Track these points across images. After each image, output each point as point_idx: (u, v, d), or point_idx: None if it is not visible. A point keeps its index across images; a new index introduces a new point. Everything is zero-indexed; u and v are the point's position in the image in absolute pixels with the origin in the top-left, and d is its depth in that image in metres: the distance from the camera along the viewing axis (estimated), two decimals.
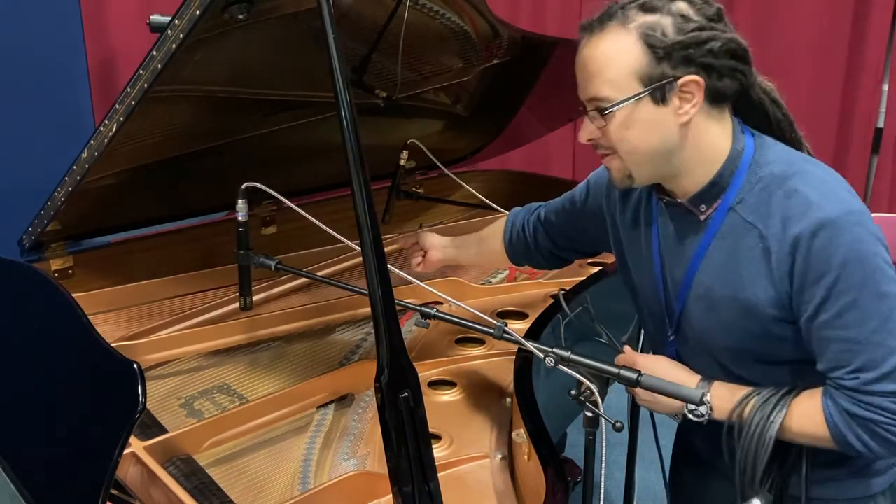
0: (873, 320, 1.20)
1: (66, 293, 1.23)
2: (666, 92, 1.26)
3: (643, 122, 1.28)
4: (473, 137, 2.72)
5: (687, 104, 1.27)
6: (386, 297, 1.13)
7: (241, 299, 1.82)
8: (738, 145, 1.32)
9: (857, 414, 1.22)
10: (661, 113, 1.27)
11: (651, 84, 1.25)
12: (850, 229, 1.20)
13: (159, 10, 2.11)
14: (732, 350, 1.35)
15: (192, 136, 1.93)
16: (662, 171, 1.33)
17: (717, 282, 1.33)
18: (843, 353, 1.23)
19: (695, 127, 1.29)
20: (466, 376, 1.84)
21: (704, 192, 1.32)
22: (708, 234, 1.34)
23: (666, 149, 1.30)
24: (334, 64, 1.16)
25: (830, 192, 1.24)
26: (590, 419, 1.30)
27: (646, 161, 1.32)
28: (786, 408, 1.28)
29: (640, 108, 1.27)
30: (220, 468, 1.52)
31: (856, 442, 1.24)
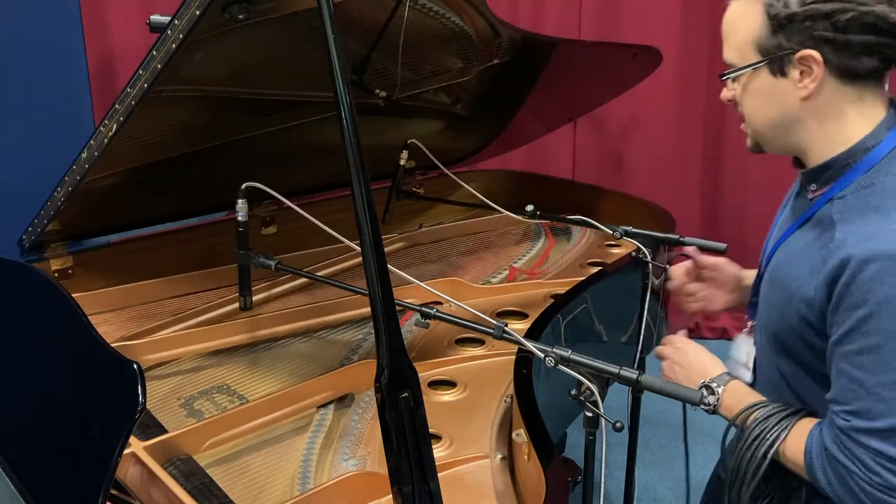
0: (888, 373, 1.13)
1: (66, 293, 1.23)
2: (784, 64, 1.22)
3: (762, 93, 1.26)
4: (473, 137, 2.72)
5: (807, 78, 1.21)
6: (386, 297, 1.13)
7: (241, 299, 1.82)
8: (869, 141, 1.23)
9: (835, 456, 1.19)
10: (779, 85, 1.24)
11: (767, 55, 1.23)
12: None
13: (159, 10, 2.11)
14: (772, 334, 1.33)
15: (191, 136, 1.93)
16: (787, 142, 1.30)
17: (783, 263, 1.32)
18: (847, 390, 1.18)
19: (820, 103, 1.23)
20: (466, 376, 1.84)
21: (816, 173, 1.29)
22: (804, 216, 1.31)
23: (785, 121, 1.27)
24: (334, 64, 1.16)
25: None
26: (590, 419, 1.30)
27: (765, 130, 1.30)
28: (786, 431, 1.26)
29: (758, 77, 1.25)
30: (220, 468, 1.52)
31: (823, 481, 1.21)
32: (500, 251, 2.53)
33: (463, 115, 2.56)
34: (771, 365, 1.36)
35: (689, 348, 1.45)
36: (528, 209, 2.14)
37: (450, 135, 2.64)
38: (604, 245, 2.53)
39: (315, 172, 2.30)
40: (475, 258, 2.47)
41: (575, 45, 2.76)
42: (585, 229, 2.61)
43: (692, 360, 1.42)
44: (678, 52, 3.69)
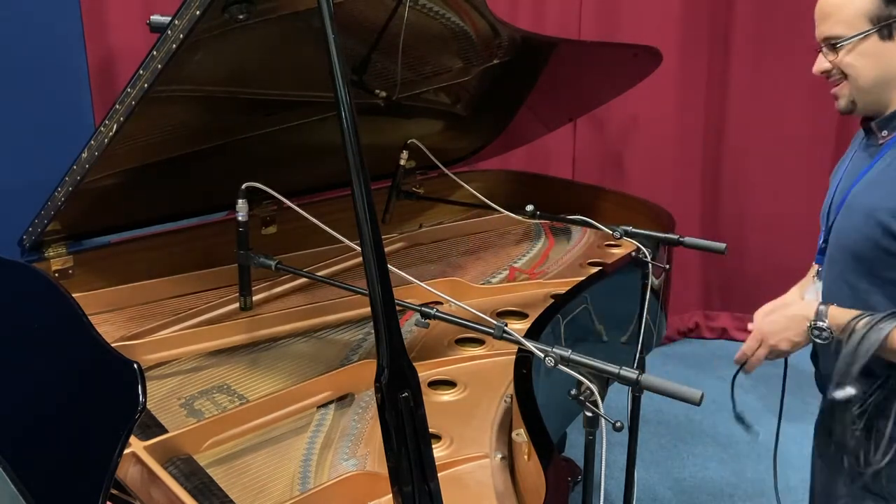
0: None
1: (66, 293, 1.23)
2: (892, 29, 1.49)
3: (869, 55, 1.51)
4: (473, 137, 2.72)
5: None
6: (386, 297, 1.13)
7: (241, 299, 1.82)
8: None
9: None
10: (886, 47, 1.50)
11: (879, 23, 1.49)
12: None
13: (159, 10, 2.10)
14: (850, 255, 1.55)
15: (191, 136, 1.93)
16: (882, 98, 1.54)
17: (863, 191, 1.55)
18: None
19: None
20: (466, 376, 1.84)
21: (890, 118, 1.54)
22: (877, 157, 1.56)
23: (887, 79, 1.52)
24: (334, 64, 1.16)
25: None
26: (590, 419, 1.30)
27: (869, 88, 1.54)
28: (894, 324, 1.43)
29: (867, 43, 1.51)
30: (220, 468, 1.52)
31: None
32: (500, 251, 2.53)
33: (463, 115, 2.56)
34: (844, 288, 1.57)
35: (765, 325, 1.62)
36: (528, 209, 2.15)
37: (450, 135, 2.64)
38: (604, 245, 2.53)
39: (315, 172, 2.30)
40: (475, 258, 2.47)
41: (575, 45, 2.76)
42: (585, 229, 2.61)
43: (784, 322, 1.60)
44: (678, 52, 3.69)
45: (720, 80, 3.82)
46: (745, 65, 3.76)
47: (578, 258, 2.46)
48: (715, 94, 3.84)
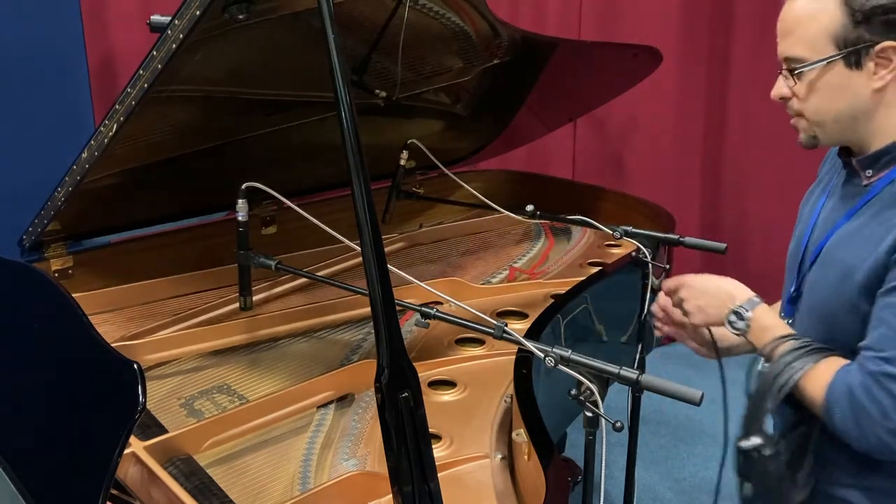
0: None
1: (66, 293, 1.23)
2: (861, 56, 1.25)
3: (833, 86, 1.28)
4: (473, 137, 2.72)
5: (883, 70, 1.25)
6: (386, 297, 1.13)
7: (241, 299, 1.82)
8: None
9: (858, 397, 1.22)
10: (853, 77, 1.27)
11: (846, 47, 1.25)
12: None
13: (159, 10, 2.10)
14: (824, 315, 1.35)
15: (191, 136, 1.93)
16: (849, 135, 1.33)
17: (840, 245, 1.33)
18: (884, 337, 1.22)
19: (889, 94, 1.27)
20: (466, 376, 1.84)
21: (875, 158, 1.31)
22: (862, 201, 1.33)
23: (854, 114, 1.30)
24: (334, 64, 1.16)
25: None
26: (590, 419, 1.30)
27: (830, 123, 1.32)
28: (813, 364, 1.28)
29: (831, 71, 1.27)
30: (220, 468, 1.52)
31: (838, 417, 1.24)
32: (500, 251, 2.53)
33: (463, 115, 2.56)
34: None
35: (702, 281, 1.45)
36: (528, 209, 2.14)
37: (450, 135, 2.64)
38: (604, 245, 2.53)
39: (315, 172, 2.30)
40: (475, 258, 2.47)
41: (575, 45, 2.76)
42: (585, 229, 2.61)
43: (713, 290, 1.43)
44: (678, 52, 3.69)
45: (720, 80, 3.82)
46: (745, 65, 3.76)
47: (578, 258, 2.46)
48: (715, 95, 3.84)
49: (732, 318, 1.38)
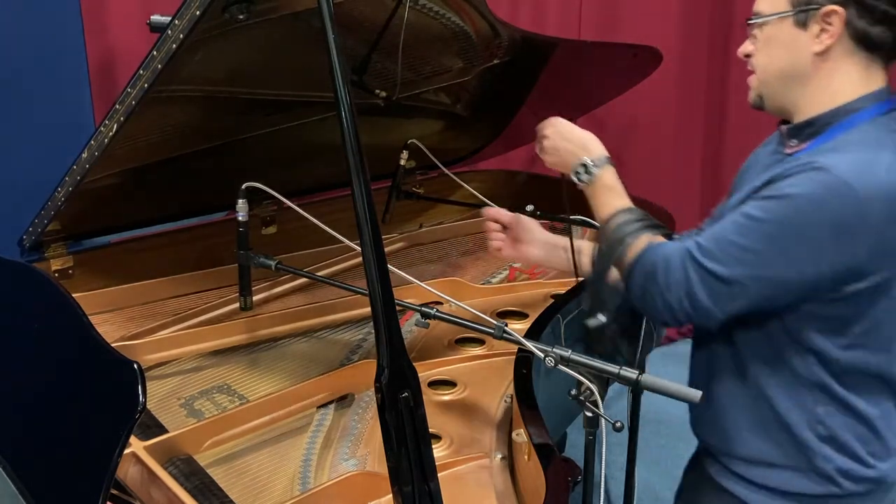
0: (748, 242, 1.23)
1: (66, 293, 1.23)
2: (808, 16, 1.27)
3: (781, 43, 1.31)
4: (473, 137, 2.72)
5: (825, 34, 1.27)
6: (386, 297, 1.13)
7: (241, 299, 1.82)
8: (855, 105, 1.28)
9: (669, 263, 1.28)
10: (799, 37, 1.29)
11: (798, 7, 1.28)
12: (832, 189, 1.18)
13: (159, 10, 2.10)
14: None
15: (191, 136, 1.93)
16: (789, 97, 1.34)
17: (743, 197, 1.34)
18: (714, 234, 1.28)
19: (829, 61, 1.28)
20: (466, 376, 1.84)
21: (801, 127, 1.33)
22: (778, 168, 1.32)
23: (793, 74, 1.32)
24: (334, 64, 1.16)
25: (858, 161, 1.20)
26: (590, 419, 1.30)
27: (773, 81, 1.35)
28: (637, 237, 1.34)
29: (783, 27, 1.30)
30: (220, 468, 1.52)
31: (638, 274, 1.31)
32: None
33: (463, 115, 2.56)
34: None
35: (568, 127, 1.53)
36: (528, 209, 2.14)
37: (450, 135, 2.64)
38: None
39: (315, 172, 2.30)
40: (475, 258, 2.47)
41: (575, 45, 2.76)
42: (585, 229, 2.60)
43: (574, 137, 1.51)
44: (678, 52, 3.69)
45: (720, 80, 3.82)
46: (745, 65, 3.75)
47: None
48: (715, 95, 3.84)
49: (580, 169, 1.45)
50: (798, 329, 1.30)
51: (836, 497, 1.37)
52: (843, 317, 1.28)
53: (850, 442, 1.35)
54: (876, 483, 1.38)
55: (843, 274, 1.23)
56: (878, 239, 1.21)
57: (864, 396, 1.34)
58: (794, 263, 1.22)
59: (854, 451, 1.35)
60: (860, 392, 1.33)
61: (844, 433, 1.34)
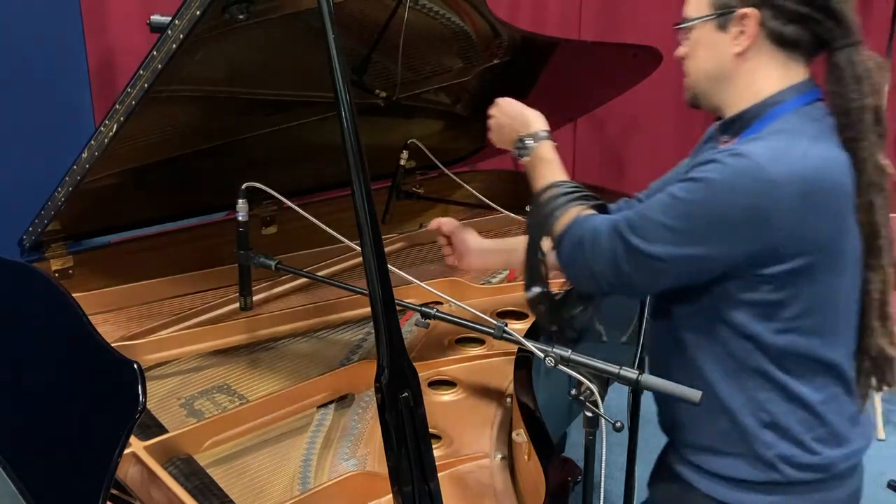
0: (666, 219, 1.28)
1: (66, 293, 1.23)
2: (727, 19, 1.33)
3: (705, 46, 1.37)
4: (473, 137, 2.71)
5: (742, 36, 1.32)
6: (386, 297, 1.13)
7: (241, 299, 1.82)
8: (780, 96, 1.32)
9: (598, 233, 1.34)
10: (721, 39, 1.34)
11: (718, 10, 1.33)
12: (746, 173, 1.22)
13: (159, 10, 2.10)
14: None
15: (191, 136, 1.93)
16: (718, 96, 1.39)
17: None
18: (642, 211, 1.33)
19: (749, 60, 1.33)
20: (466, 376, 1.84)
21: (729, 123, 1.38)
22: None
23: (718, 75, 1.37)
24: (334, 64, 1.16)
25: (774, 147, 1.25)
26: (590, 419, 1.30)
27: (703, 82, 1.40)
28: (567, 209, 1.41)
29: (706, 30, 1.36)
30: (220, 468, 1.52)
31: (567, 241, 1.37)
32: None
33: (463, 115, 2.56)
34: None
35: (511, 105, 1.63)
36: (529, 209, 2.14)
37: (450, 135, 2.64)
38: None
39: (315, 172, 2.30)
40: None
41: (575, 45, 2.76)
42: None
43: (516, 114, 1.60)
44: None
45: None
46: None
47: None
48: None
49: (519, 144, 1.54)
50: (732, 315, 1.33)
51: (778, 484, 1.37)
52: (772, 301, 1.30)
53: (793, 428, 1.35)
54: (823, 470, 1.37)
55: (760, 256, 1.26)
56: (793, 222, 1.24)
57: (806, 381, 1.34)
58: (710, 243, 1.26)
59: (797, 437, 1.35)
60: (801, 377, 1.34)
61: (786, 419, 1.35)
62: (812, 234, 1.26)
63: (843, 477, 1.41)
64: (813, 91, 1.34)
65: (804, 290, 1.29)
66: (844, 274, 1.33)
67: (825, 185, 1.25)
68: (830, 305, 1.33)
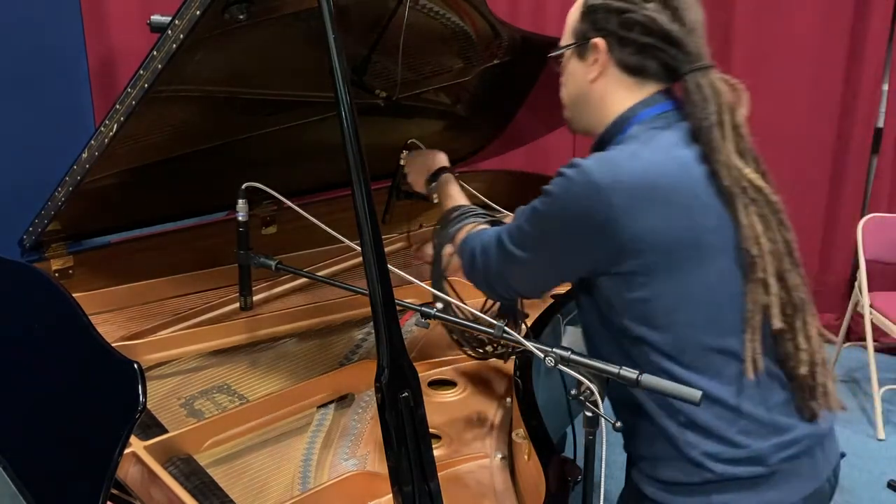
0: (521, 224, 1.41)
1: (66, 293, 1.23)
2: (584, 49, 1.42)
3: (569, 73, 1.48)
4: (473, 137, 2.72)
5: (596, 63, 1.41)
6: (386, 297, 1.13)
7: (241, 299, 1.82)
8: (630, 112, 1.40)
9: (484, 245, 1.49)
10: (579, 67, 1.45)
11: (577, 40, 1.43)
12: (577, 182, 1.30)
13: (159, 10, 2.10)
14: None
15: (192, 136, 1.93)
16: (584, 121, 1.49)
17: None
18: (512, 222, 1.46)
19: (602, 87, 1.42)
20: (466, 376, 1.84)
21: (598, 143, 1.45)
22: None
23: (579, 100, 1.47)
24: (334, 64, 1.16)
25: (605, 156, 1.33)
26: (590, 419, 1.30)
27: (569, 108, 1.51)
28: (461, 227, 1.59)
29: (570, 60, 1.47)
30: (220, 468, 1.52)
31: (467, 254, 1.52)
32: None
33: (463, 115, 2.56)
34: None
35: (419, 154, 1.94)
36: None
37: (450, 135, 2.64)
38: None
39: (315, 172, 2.30)
40: None
41: None
42: None
43: (422, 160, 1.89)
44: None
45: None
46: (744, 66, 3.75)
47: None
48: None
49: (429, 182, 1.80)
50: (619, 321, 1.37)
51: (716, 483, 1.35)
52: (640, 300, 1.34)
53: (712, 424, 1.34)
54: (759, 463, 1.35)
55: (611, 256, 1.32)
56: (631, 222, 1.29)
57: (712, 375, 1.34)
58: (563, 248, 1.37)
59: (719, 434, 1.34)
60: (705, 372, 1.34)
61: (703, 416, 1.34)
62: (655, 231, 1.30)
63: (793, 473, 1.38)
64: (663, 103, 1.40)
65: (667, 285, 1.32)
66: (709, 265, 1.33)
67: (657, 185, 1.30)
68: (702, 297, 1.34)
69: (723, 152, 1.33)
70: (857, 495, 2.98)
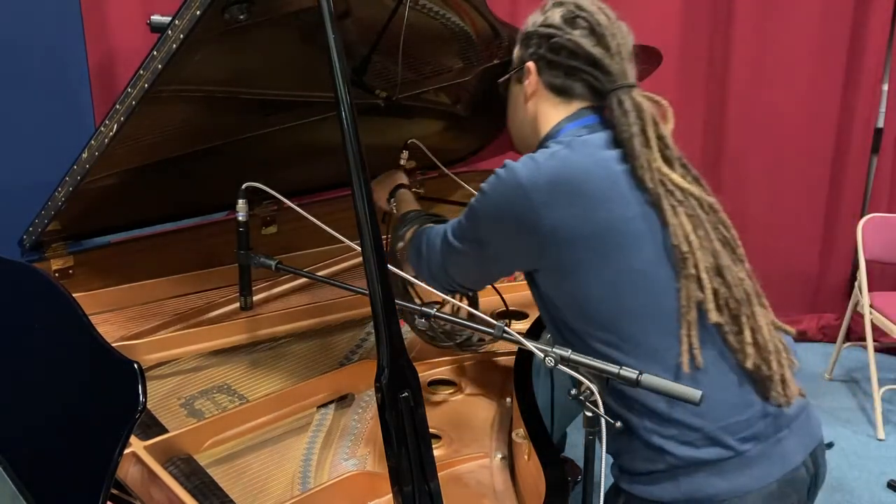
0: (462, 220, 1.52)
1: (66, 293, 1.23)
2: (520, 73, 1.55)
3: (512, 97, 1.62)
4: (473, 137, 2.72)
5: (529, 85, 1.53)
6: (386, 297, 1.13)
7: (241, 299, 1.82)
8: (557, 126, 1.51)
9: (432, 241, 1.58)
10: (518, 90, 1.58)
11: (516, 65, 1.57)
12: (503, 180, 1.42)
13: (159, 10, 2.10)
14: None
15: (192, 137, 1.93)
16: (525, 140, 1.60)
17: None
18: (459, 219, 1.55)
19: (534, 107, 1.55)
20: (466, 376, 1.84)
21: None
22: None
23: (516, 121, 1.61)
24: (334, 64, 1.16)
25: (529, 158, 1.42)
26: (590, 419, 1.30)
27: (515, 131, 1.64)
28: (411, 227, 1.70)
29: (513, 83, 1.60)
30: (221, 468, 1.52)
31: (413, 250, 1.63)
32: None
33: (463, 115, 2.56)
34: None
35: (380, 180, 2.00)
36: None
37: (450, 135, 2.64)
38: None
39: (315, 172, 2.30)
40: None
41: None
42: None
43: (385, 181, 1.97)
44: (678, 52, 3.69)
45: (720, 80, 3.82)
46: (745, 65, 3.76)
47: None
48: (715, 94, 3.84)
49: (389, 199, 1.90)
50: (558, 314, 1.45)
51: (682, 468, 1.37)
52: (569, 294, 1.41)
53: (665, 409, 1.36)
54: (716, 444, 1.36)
55: (538, 249, 1.41)
56: (551, 215, 1.37)
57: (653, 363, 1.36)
58: (494, 241, 1.46)
59: (672, 417, 1.36)
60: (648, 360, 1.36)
61: (657, 402, 1.36)
62: (574, 222, 1.37)
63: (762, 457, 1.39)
64: (588, 117, 1.50)
65: (594, 276, 1.38)
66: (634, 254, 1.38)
67: (572, 179, 1.39)
68: (631, 286, 1.38)
69: (645, 157, 1.41)
70: (857, 495, 2.98)
